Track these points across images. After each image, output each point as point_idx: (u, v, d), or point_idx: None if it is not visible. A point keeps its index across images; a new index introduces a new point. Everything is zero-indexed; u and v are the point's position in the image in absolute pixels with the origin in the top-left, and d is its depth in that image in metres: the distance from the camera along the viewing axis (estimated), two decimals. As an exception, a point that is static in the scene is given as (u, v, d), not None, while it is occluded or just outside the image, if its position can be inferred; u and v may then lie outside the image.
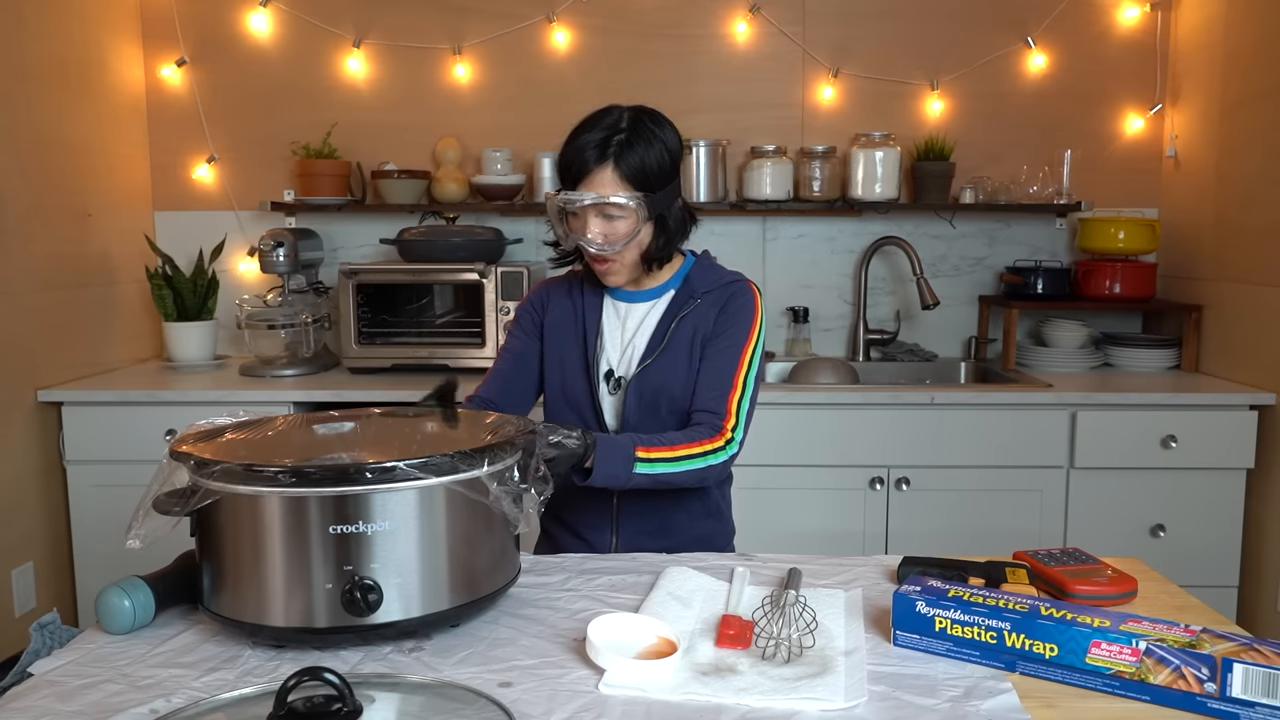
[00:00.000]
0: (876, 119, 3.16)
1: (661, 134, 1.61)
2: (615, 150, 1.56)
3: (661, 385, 1.66)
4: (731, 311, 1.68)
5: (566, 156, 1.59)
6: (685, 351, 1.67)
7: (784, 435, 2.64)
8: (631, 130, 1.58)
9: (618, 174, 1.56)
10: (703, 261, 1.76)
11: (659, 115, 1.64)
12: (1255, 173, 2.69)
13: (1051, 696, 1.05)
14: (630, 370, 1.69)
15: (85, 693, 1.05)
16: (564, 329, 1.75)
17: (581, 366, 1.71)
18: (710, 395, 1.63)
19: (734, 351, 1.65)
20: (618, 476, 1.49)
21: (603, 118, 1.60)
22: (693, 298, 1.69)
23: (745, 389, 1.64)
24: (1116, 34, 3.15)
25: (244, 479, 1.11)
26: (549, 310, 1.77)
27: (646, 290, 1.72)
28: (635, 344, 1.70)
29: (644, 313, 1.72)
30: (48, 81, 2.71)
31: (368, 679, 1.02)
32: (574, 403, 1.71)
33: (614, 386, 1.70)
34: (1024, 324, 3.20)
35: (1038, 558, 1.37)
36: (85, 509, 2.70)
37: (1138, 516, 2.66)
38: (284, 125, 3.17)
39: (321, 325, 2.98)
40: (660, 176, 1.60)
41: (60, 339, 2.75)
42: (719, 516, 1.78)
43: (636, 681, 1.06)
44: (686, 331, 1.67)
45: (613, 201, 1.56)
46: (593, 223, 1.59)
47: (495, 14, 3.15)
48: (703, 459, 1.55)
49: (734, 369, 1.64)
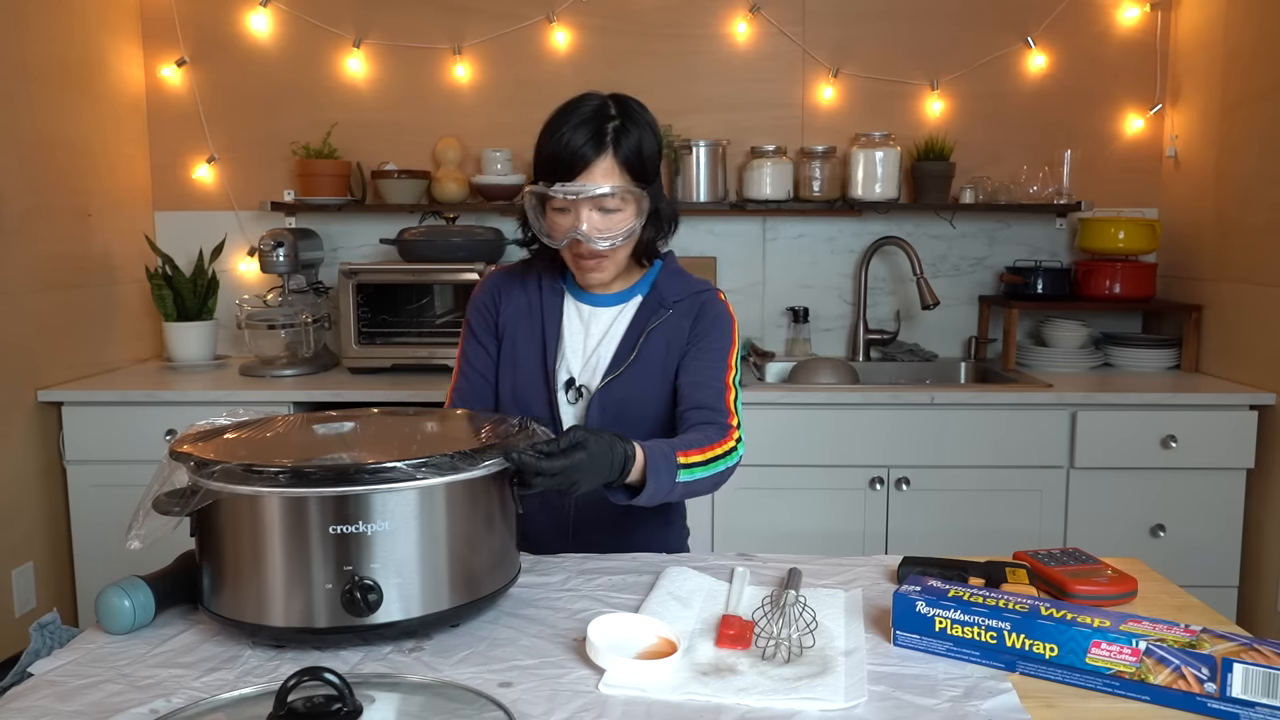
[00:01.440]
0: (876, 119, 3.16)
1: (649, 120, 1.52)
2: (613, 138, 1.45)
3: (628, 398, 1.55)
4: (709, 319, 1.58)
5: (555, 148, 1.45)
6: (658, 365, 1.56)
7: (784, 435, 2.64)
8: (624, 116, 1.48)
9: (617, 163, 1.46)
10: (669, 266, 1.65)
11: (640, 102, 1.54)
12: (1255, 172, 2.69)
13: (1051, 696, 1.05)
14: (595, 380, 1.57)
15: (85, 693, 1.05)
16: (519, 327, 1.61)
17: (539, 372, 1.58)
18: (707, 393, 1.52)
19: (720, 354, 1.56)
20: (663, 489, 1.35)
21: (583, 104, 1.48)
22: (663, 307, 1.58)
23: (736, 391, 1.56)
24: (1116, 34, 3.15)
25: (244, 479, 1.11)
26: (504, 307, 1.63)
27: (614, 294, 1.61)
28: (600, 353, 1.58)
29: (610, 318, 1.60)
30: (48, 81, 2.71)
31: (368, 679, 1.02)
32: (526, 409, 1.57)
33: (574, 396, 1.58)
34: (1024, 324, 3.20)
35: (1038, 558, 1.37)
36: (85, 509, 2.70)
37: (1138, 516, 2.66)
38: (284, 125, 3.17)
39: (321, 325, 2.98)
40: (654, 165, 1.51)
41: (60, 339, 2.75)
42: (671, 523, 1.70)
43: (636, 681, 1.06)
44: (659, 344, 1.57)
45: (617, 193, 1.45)
46: (588, 217, 1.46)
47: (495, 14, 3.15)
48: (723, 461, 1.45)
49: (724, 371, 1.55)
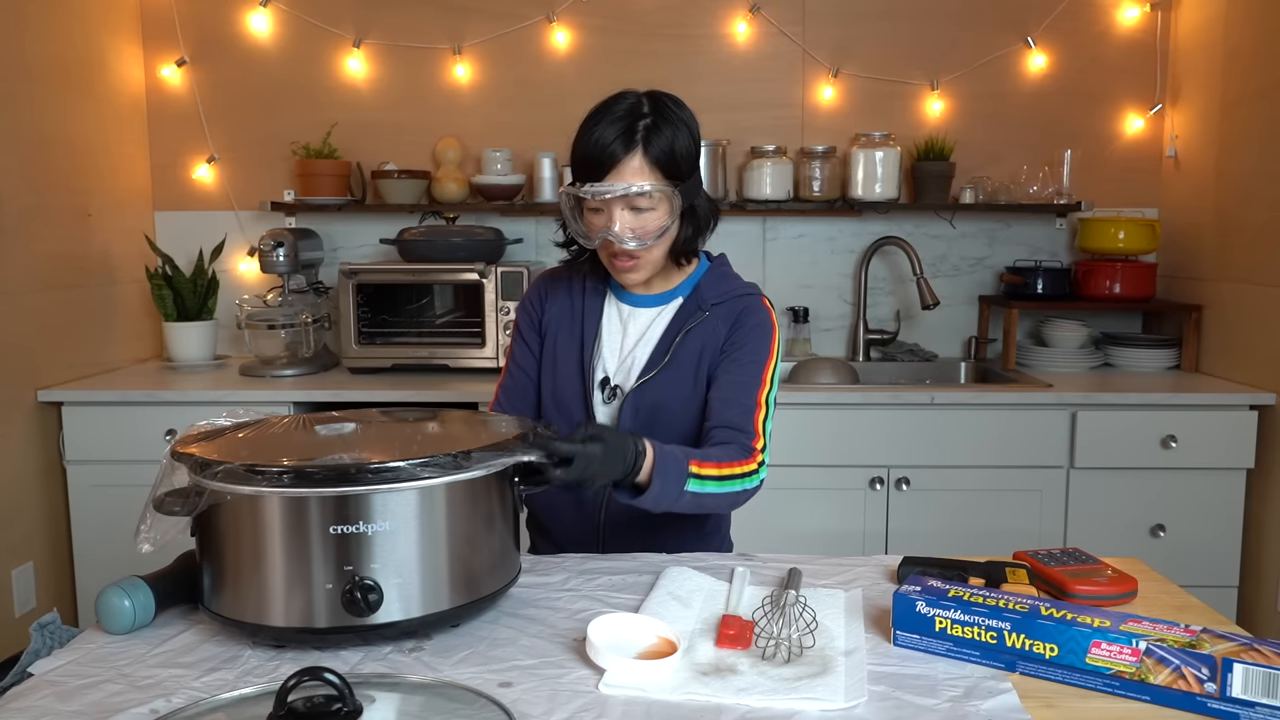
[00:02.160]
0: (876, 119, 3.16)
1: (684, 117, 1.48)
2: (643, 136, 1.43)
3: (660, 402, 1.54)
4: (748, 327, 1.54)
5: (586, 148, 1.44)
6: (691, 369, 1.54)
7: (784, 435, 2.63)
8: (656, 114, 1.45)
9: (647, 161, 1.43)
10: (717, 268, 1.62)
11: (677, 99, 1.51)
12: (1255, 171, 2.69)
13: (1051, 696, 1.05)
14: (629, 381, 1.56)
15: (85, 693, 1.05)
16: (561, 327, 1.62)
17: (576, 370, 1.58)
18: (734, 411, 1.49)
19: (755, 367, 1.52)
20: (670, 493, 1.36)
21: (618, 103, 1.46)
22: (701, 309, 1.56)
23: (769, 409, 1.52)
24: (1116, 34, 3.15)
25: (245, 479, 1.11)
26: (548, 306, 1.64)
27: (655, 294, 1.60)
28: (636, 354, 1.57)
29: (649, 320, 1.59)
30: (48, 81, 2.70)
31: (368, 679, 1.02)
32: (564, 408, 1.58)
33: (609, 395, 1.57)
34: (1024, 324, 3.20)
35: (1038, 558, 1.37)
36: (85, 509, 2.70)
37: (1138, 516, 2.66)
38: (284, 125, 3.17)
39: (321, 325, 2.98)
40: (688, 163, 1.48)
41: (60, 339, 2.75)
42: (715, 534, 1.67)
43: (636, 681, 1.06)
44: (693, 347, 1.54)
45: (647, 192, 1.43)
46: (620, 216, 1.45)
47: (495, 14, 3.15)
48: (740, 481, 1.44)
49: (756, 386, 1.51)
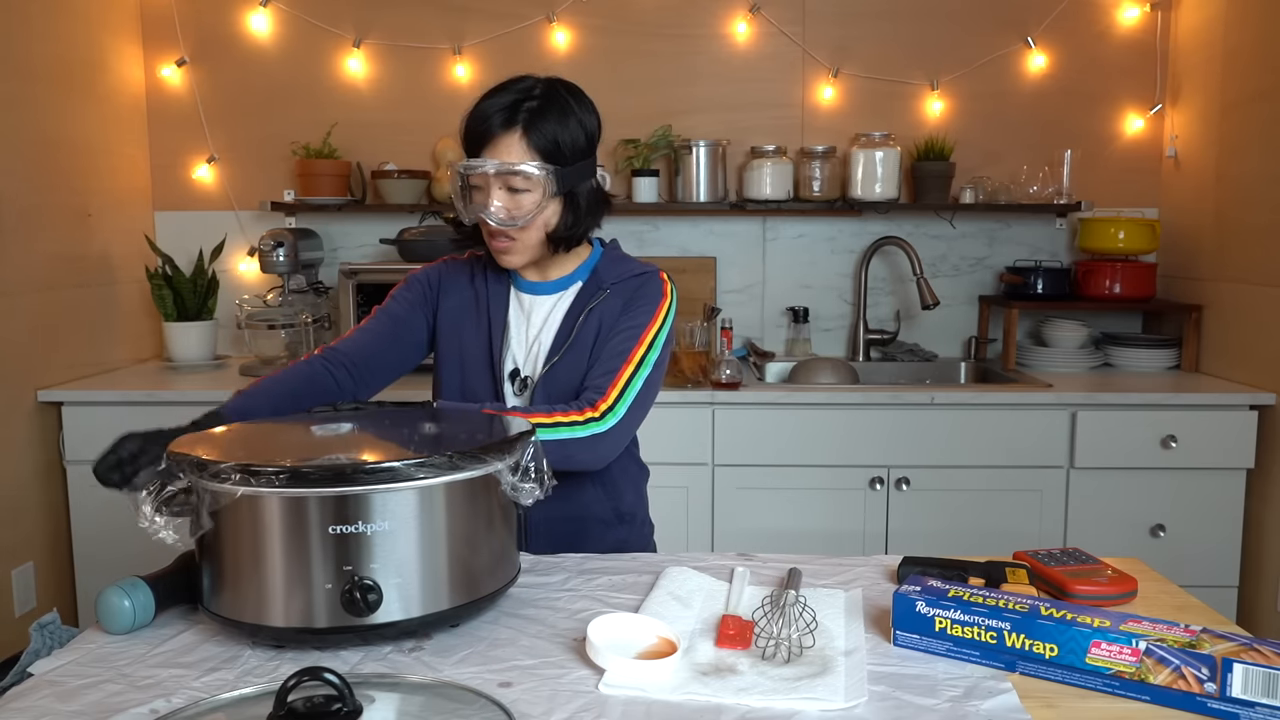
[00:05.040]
0: (876, 119, 3.16)
1: (578, 109, 1.49)
2: (525, 117, 1.44)
3: (570, 384, 1.55)
4: (640, 299, 1.56)
5: (469, 121, 1.47)
6: (591, 347, 1.56)
7: (784, 435, 2.64)
8: (545, 98, 1.46)
9: (526, 142, 1.45)
10: (611, 252, 1.64)
11: (578, 90, 1.52)
12: (1255, 172, 2.69)
13: (1051, 696, 1.05)
14: (537, 369, 1.57)
15: (85, 693, 1.05)
16: (463, 321, 1.62)
17: (486, 365, 1.59)
18: (598, 372, 1.51)
19: (634, 332, 1.53)
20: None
21: (514, 84, 1.48)
22: (600, 289, 1.58)
23: (639, 371, 1.51)
24: (1116, 34, 3.15)
25: (243, 479, 1.11)
26: (445, 294, 1.63)
27: (552, 281, 1.61)
28: (541, 340, 1.59)
29: (549, 306, 1.60)
30: (49, 82, 2.71)
31: (368, 679, 1.02)
32: (474, 402, 1.56)
33: (520, 387, 1.58)
34: (1024, 324, 3.20)
35: (1038, 558, 1.37)
36: (85, 509, 2.70)
37: (1138, 516, 2.66)
38: (284, 125, 3.17)
39: (321, 325, 2.98)
40: (573, 150, 1.48)
41: (60, 339, 2.75)
42: (632, 520, 1.68)
43: (636, 681, 1.06)
44: (593, 326, 1.56)
45: (518, 170, 1.44)
46: (496, 195, 1.46)
47: (495, 14, 3.15)
48: (569, 429, 1.42)
49: (629, 350, 1.51)
